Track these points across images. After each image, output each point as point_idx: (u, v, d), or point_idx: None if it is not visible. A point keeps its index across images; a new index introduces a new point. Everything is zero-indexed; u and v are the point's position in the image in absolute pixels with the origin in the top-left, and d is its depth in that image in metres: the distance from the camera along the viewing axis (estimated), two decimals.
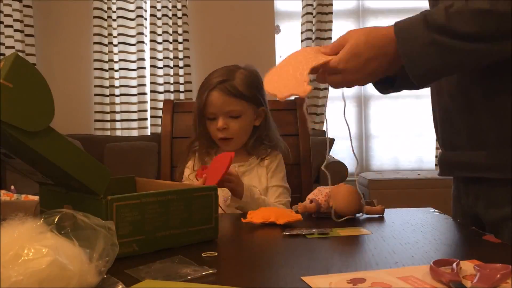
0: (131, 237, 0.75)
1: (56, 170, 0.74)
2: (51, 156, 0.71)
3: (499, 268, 0.59)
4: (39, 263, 0.49)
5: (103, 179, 0.76)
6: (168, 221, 0.79)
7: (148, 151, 3.69)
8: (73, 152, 0.74)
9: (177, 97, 4.05)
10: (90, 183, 0.75)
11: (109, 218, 0.73)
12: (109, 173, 0.78)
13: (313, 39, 4.02)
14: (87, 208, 0.76)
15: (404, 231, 0.91)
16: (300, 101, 1.65)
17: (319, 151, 3.66)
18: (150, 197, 0.78)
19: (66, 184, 0.81)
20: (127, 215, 0.75)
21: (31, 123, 0.67)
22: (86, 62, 4.07)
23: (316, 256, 0.75)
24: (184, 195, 0.82)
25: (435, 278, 0.59)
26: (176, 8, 4.01)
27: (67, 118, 4.06)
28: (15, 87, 0.66)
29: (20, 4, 3.79)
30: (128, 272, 0.65)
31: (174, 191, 0.82)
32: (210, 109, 1.34)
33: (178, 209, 0.81)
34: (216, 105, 1.33)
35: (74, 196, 0.81)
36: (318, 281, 0.59)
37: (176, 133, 1.61)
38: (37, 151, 0.69)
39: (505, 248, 0.76)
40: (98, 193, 0.75)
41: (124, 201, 0.75)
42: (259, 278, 0.65)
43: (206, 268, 0.66)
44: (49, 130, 0.70)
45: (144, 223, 0.77)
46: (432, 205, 1.18)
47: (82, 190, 0.77)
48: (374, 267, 0.66)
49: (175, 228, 0.79)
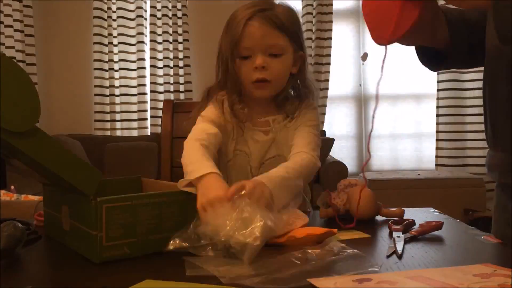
0: (122, 239, 0.73)
1: (45, 171, 0.74)
2: (37, 156, 0.70)
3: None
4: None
5: (93, 180, 0.75)
6: (161, 224, 0.77)
7: (148, 151, 3.69)
8: (60, 153, 0.73)
9: (177, 97, 4.05)
10: (79, 184, 0.73)
11: (98, 220, 0.71)
12: (99, 174, 0.76)
13: (313, 39, 4.02)
14: (80, 210, 0.76)
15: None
16: None
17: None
18: (142, 199, 0.76)
19: (60, 184, 0.81)
20: (118, 217, 0.73)
21: (17, 124, 0.67)
22: (86, 62, 4.06)
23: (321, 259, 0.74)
24: (178, 197, 0.80)
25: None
26: (176, 8, 4.01)
27: (67, 118, 4.06)
28: (1, 88, 0.65)
29: (20, 4, 3.79)
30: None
31: (167, 193, 0.80)
32: (247, 42, 1.07)
33: (171, 212, 0.78)
34: (255, 37, 1.07)
35: (70, 197, 0.81)
36: (323, 282, 0.59)
37: (176, 133, 1.61)
38: (24, 152, 0.68)
39: (505, 248, 0.76)
40: (87, 194, 0.73)
41: (115, 202, 0.73)
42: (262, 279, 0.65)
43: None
44: (36, 130, 0.70)
45: (136, 225, 0.74)
46: (432, 205, 1.18)
47: (74, 191, 0.76)
48: (377, 268, 0.66)
49: (168, 231, 0.76)
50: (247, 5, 1.12)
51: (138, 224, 0.75)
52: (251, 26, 1.08)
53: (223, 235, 0.71)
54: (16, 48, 3.72)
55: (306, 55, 1.17)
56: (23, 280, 0.67)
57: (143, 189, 1.06)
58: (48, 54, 4.07)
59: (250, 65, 1.09)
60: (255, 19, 1.08)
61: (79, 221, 0.77)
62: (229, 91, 1.13)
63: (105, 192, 0.82)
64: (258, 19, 1.08)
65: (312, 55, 4.02)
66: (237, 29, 1.09)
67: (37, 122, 0.70)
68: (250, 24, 1.08)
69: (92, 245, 0.72)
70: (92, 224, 0.72)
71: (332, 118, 4.17)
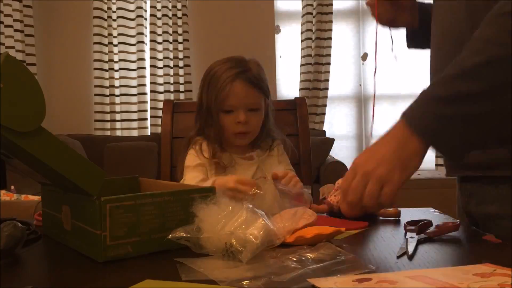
0: (126, 239, 0.73)
1: (49, 171, 0.74)
2: (42, 156, 0.70)
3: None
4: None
5: (97, 180, 0.75)
6: (165, 223, 0.77)
7: (148, 151, 3.69)
8: (65, 152, 0.73)
9: (177, 97, 4.05)
10: (83, 184, 0.73)
11: (102, 219, 0.71)
12: (103, 174, 0.76)
13: (313, 39, 4.02)
14: (83, 209, 0.76)
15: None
16: (300, 101, 1.65)
17: (319, 151, 3.66)
18: (146, 198, 0.76)
19: (62, 184, 0.81)
20: (122, 216, 0.73)
21: (22, 124, 0.67)
22: (86, 62, 4.07)
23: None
24: (181, 196, 0.80)
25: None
26: (176, 8, 4.01)
27: (67, 118, 4.06)
28: (6, 87, 0.65)
29: (20, 4, 3.79)
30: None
31: (170, 192, 0.80)
32: (231, 100, 1.25)
33: (175, 211, 0.79)
34: (239, 96, 1.25)
35: (72, 197, 0.81)
36: (323, 282, 0.59)
37: (176, 133, 1.61)
38: (29, 152, 0.68)
39: (505, 248, 0.76)
40: (91, 193, 0.73)
41: (118, 202, 0.73)
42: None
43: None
44: (41, 130, 0.69)
45: (140, 225, 0.75)
46: (432, 205, 1.18)
47: (77, 191, 0.76)
48: (374, 267, 0.66)
49: (171, 230, 0.76)
50: (226, 64, 1.28)
51: (142, 223, 0.75)
52: (236, 87, 1.25)
53: (225, 231, 0.71)
54: (16, 48, 3.72)
55: (271, 101, 1.37)
56: (23, 280, 0.67)
57: (141, 189, 1.06)
58: (48, 54, 4.07)
59: (232, 119, 1.27)
60: (238, 81, 1.25)
61: (81, 220, 0.77)
62: (212, 140, 1.30)
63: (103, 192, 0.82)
64: (241, 81, 1.25)
65: (312, 55, 4.03)
66: (223, 88, 1.25)
67: (42, 122, 0.69)
68: (234, 85, 1.25)
69: (95, 245, 0.72)
70: (96, 224, 0.72)
71: (332, 118, 4.17)
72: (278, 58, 4.18)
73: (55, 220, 0.87)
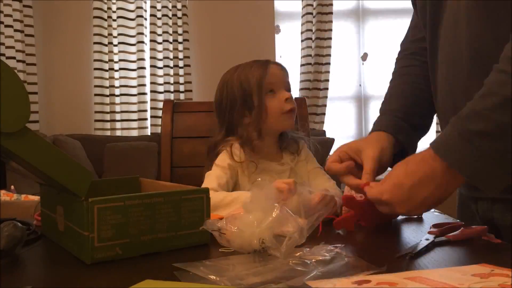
0: (114, 240, 0.72)
1: (37, 171, 0.73)
2: (27, 156, 0.69)
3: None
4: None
5: (84, 181, 0.74)
6: (155, 224, 0.76)
7: (148, 151, 3.69)
8: (50, 153, 0.72)
9: (177, 97, 4.05)
10: (69, 184, 0.73)
11: (90, 220, 0.70)
12: (90, 175, 0.76)
13: (313, 39, 4.02)
14: (73, 210, 0.75)
15: (404, 231, 0.91)
16: (300, 101, 1.65)
17: (319, 151, 3.66)
18: (135, 199, 0.74)
19: (53, 185, 0.81)
20: (110, 217, 0.72)
21: (6, 124, 0.66)
22: (86, 62, 4.07)
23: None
24: (172, 197, 0.79)
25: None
26: (176, 8, 4.01)
27: (67, 118, 4.07)
28: None
29: (20, 4, 3.79)
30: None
31: (161, 193, 0.78)
32: (272, 79, 1.24)
33: (165, 212, 0.77)
34: (278, 76, 1.26)
35: (64, 197, 0.80)
36: (322, 284, 0.59)
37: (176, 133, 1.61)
38: (14, 152, 0.67)
39: (505, 248, 0.76)
40: (78, 194, 0.73)
41: (106, 203, 0.72)
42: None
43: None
44: (25, 130, 0.69)
45: (128, 226, 0.73)
46: None
47: (67, 191, 0.75)
48: (376, 269, 0.66)
49: (162, 232, 0.76)
50: (246, 63, 1.27)
51: (131, 225, 0.74)
52: (272, 68, 1.25)
53: (262, 226, 0.72)
54: (16, 48, 3.72)
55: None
56: (23, 280, 0.67)
57: (142, 189, 1.06)
58: (48, 54, 4.07)
59: (278, 99, 1.23)
60: (271, 65, 1.26)
61: (72, 221, 0.77)
62: (252, 127, 1.23)
63: (102, 192, 0.81)
64: (274, 65, 1.27)
65: (312, 55, 4.03)
66: (262, 71, 1.24)
67: (27, 122, 0.69)
68: (271, 66, 1.25)
69: (83, 246, 0.72)
70: (84, 225, 0.71)
71: (332, 118, 4.17)
72: (278, 58, 4.18)
73: (51, 221, 0.87)
